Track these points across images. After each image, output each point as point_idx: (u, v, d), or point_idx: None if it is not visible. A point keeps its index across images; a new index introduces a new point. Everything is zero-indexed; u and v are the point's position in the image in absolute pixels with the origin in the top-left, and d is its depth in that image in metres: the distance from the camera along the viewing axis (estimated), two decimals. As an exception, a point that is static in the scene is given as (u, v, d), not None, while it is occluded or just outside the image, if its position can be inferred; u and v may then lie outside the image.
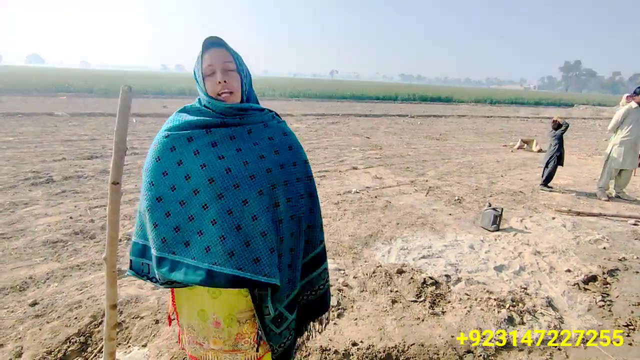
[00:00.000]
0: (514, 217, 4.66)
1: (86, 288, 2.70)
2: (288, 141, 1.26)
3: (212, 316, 1.23)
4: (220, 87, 1.15)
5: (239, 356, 1.28)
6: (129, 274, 1.25)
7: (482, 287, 2.92)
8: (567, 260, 3.50)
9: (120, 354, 2.07)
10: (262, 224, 1.10)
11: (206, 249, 1.08)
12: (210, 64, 1.14)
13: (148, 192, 1.16)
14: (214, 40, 1.16)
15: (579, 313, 2.72)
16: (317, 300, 1.42)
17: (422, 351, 2.22)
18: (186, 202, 1.11)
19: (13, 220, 3.82)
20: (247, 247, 1.08)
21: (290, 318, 1.28)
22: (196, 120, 1.17)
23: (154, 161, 1.17)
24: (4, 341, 2.12)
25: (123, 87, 1.55)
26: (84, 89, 22.64)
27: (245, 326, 1.25)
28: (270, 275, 1.08)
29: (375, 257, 3.41)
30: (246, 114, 1.20)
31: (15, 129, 9.18)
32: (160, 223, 1.13)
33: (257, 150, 1.18)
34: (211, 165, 1.11)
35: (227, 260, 1.06)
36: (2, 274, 2.83)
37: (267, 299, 1.15)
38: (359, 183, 5.97)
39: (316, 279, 1.38)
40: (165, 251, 1.11)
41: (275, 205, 1.16)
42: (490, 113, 23.85)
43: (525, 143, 10.51)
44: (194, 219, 1.10)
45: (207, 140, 1.14)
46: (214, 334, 1.25)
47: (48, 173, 5.53)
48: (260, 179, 1.13)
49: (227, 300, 1.21)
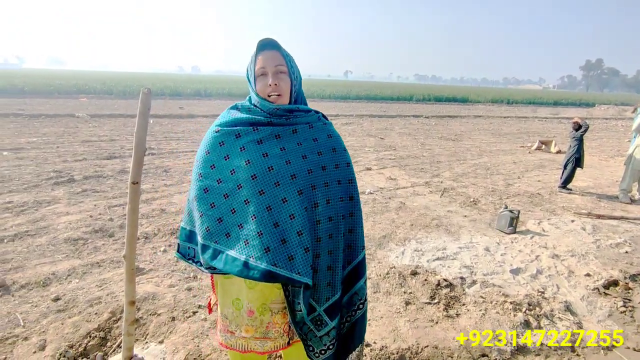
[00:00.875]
0: (531, 219, 4.57)
1: (105, 285, 2.77)
2: (332, 143, 1.27)
3: (247, 305, 1.27)
4: (270, 89, 1.18)
5: (269, 343, 1.33)
6: (175, 255, 1.34)
7: (497, 290, 2.88)
8: (587, 264, 3.41)
9: (138, 349, 2.12)
10: (298, 223, 1.13)
11: (245, 242, 1.12)
12: (263, 66, 1.18)
13: (197, 183, 1.22)
14: (269, 42, 1.19)
15: (599, 318, 2.65)
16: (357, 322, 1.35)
17: (436, 353, 2.20)
18: (230, 195, 1.16)
19: (37, 218, 3.95)
20: (283, 244, 1.11)
21: (330, 325, 1.26)
22: (245, 118, 1.22)
23: (204, 154, 1.23)
24: (29, 334, 2.20)
25: (143, 89, 1.60)
26: (104, 91, 23.23)
27: (277, 316, 1.29)
28: (302, 274, 1.11)
29: (389, 258, 3.39)
30: (292, 115, 1.22)
31: (39, 130, 9.49)
32: (205, 213, 1.19)
33: (301, 150, 1.20)
34: (255, 162, 1.15)
35: (262, 255, 1.10)
36: (27, 269, 2.93)
37: (299, 295, 1.18)
38: (372, 184, 5.95)
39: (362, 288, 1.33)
40: (208, 239, 1.17)
41: (314, 206, 1.18)
42: (507, 113, 23.43)
43: (544, 144, 10.28)
44: (236, 212, 1.15)
45: (254, 138, 1.19)
46: (246, 323, 1.29)
47: (69, 173, 5.70)
48: (301, 179, 1.16)
49: (263, 291, 1.25)
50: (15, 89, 20.91)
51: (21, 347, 2.10)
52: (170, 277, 2.92)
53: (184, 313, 2.47)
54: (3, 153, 6.78)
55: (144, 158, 1.67)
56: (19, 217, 3.94)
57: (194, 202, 1.23)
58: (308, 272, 1.12)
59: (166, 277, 2.91)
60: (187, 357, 2.07)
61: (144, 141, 1.64)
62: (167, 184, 5.43)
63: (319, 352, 1.28)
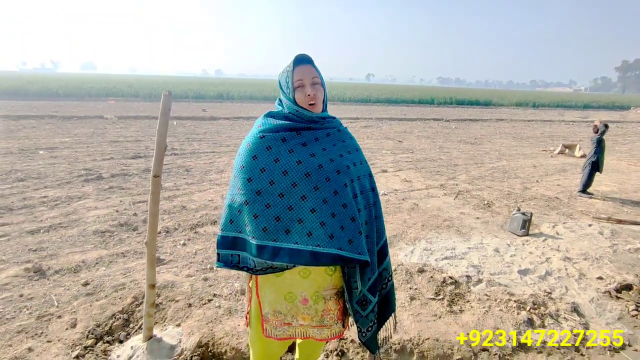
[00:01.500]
0: (546, 222, 4.53)
1: (129, 273, 2.99)
2: (354, 144, 1.48)
3: (301, 294, 1.39)
4: (309, 99, 1.33)
5: (325, 331, 1.45)
6: (217, 266, 1.37)
7: (503, 288, 2.91)
8: (600, 267, 3.39)
9: (157, 330, 2.30)
10: (350, 211, 1.29)
11: (308, 234, 1.26)
12: (301, 78, 1.32)
13: (246, 187, 1.29)
14: (304, 57, 1.35)
15: (608, 321, 2.65)
16: (389, 293, 1.55)
17: (436, 345, 2.28)
18: (285, 194, 1.27)
19: (69, 211, 4.26)
20: (342, 230, 1.27)
21: (373, 301, 1.43)
22: (287, 124, 1.34)
23: (251, 159, 1.30)
24: (62, 313, 2.42)
25: (164, 92, 1.78)
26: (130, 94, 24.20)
27: (330, 303, 1.42)
28: (362, 253, 1.29)
29: (398, 257, 3.48)
30: (325, 121, 1.40)
31: (71, 131, 10.05)
32: (261, 214, 1.27)
33: (337, 150, 1.37)
34: (306, 161, 1.29)
35: (328, 242, 1.25)
36: (60, 257, 3.19)
37: (356, 275, 1.34)
38: (387, 186, 6.03)
39: (388, 265, 1.53)
40: (266, 239, 1.26)
41: (355, 197, 1.34)
42: (532, 117, 22.84)
43: (567, 148, 10.04)
44: (293, 208, 1.27)
45: (299, 141, 1.32)
46: (302, 311, 1.41)
47: (98, 171, 6.05)
48: (344, 174, 1.32)
49: (315, 280, 1.38)
50: (50, 92, 22.11)
51: (55, 324, 2.32)
52: (188, 267, 3.11)
53: (200, 300, 2.64)
54: (39, 152, 7.26)
55: (164, 153, 1.85)
56: (53, 211, 4.25)
57: (244, 207, 1.29)
58: (365, 251, 1.30)
59: (184, 268, 3.10)
60: (201, 339, 2.23)
61: (165, 138, 1.82)
62: (188, 183, 5.69)
63: (365, 331, 1.45)
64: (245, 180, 1.30)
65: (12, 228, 3.71)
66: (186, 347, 2.19)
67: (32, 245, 3.37)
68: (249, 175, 1.30)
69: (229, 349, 2.19)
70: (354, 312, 1.40)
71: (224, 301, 2.64)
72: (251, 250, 1.30)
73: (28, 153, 7.11)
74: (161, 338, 2.22)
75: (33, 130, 9.82)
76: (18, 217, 4.01)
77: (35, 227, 3.76)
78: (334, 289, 1.41)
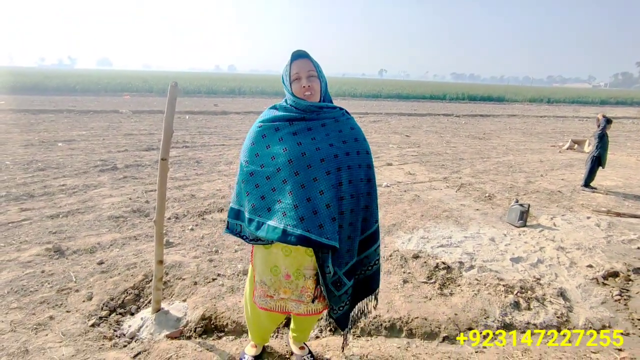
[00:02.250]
0: (545, 214, 4.61)
1: (140, 254, 3.21)
2: (354, 134, 1.54)
3: (284, 270, 1.54)
4: (304, 90, 1.48)
5: (302, 307, 1.62)
6: (225, 232, 1.63)
7: (493, 274, 3.04)
8: (592, 256, 3.47)
9: (165, 304, 2.50)
10: (327, 198, 1.39)
11: (283, 213, 1.39)
12: (297, 72, 1.46)
13: (244, 169, 1.50)
14: (301, 52, 1.50)
15: (592, 305, 2.76)
16: (372, 275, 1.68)
17: (424, 324, 2.43)
18: (271, 177, 1.44)
19: (85, 199, 4.51)
20: (315, 215, 1.37)
21: (348, 284, 1.54)
22: (282, 115, 1.50)
23: (250, 145, 1.51)
24: (79, 288, 2.65)
25: (171, 83, 1.97)
26: (145, 89, 24.68)
27: (308, 281, 1.57)
28: (331, 238, 1.37)
29: (395, 244, 3.62)
30: (322, 111, 1.52)
31: (88, 124, 10.41)
32: (252, 192, 1.47)
33: (328, 139, 1.47)
34: (291, 149, 1.42)
35: (298, 224, 1.36)
36: (78, 239, 3.43)
37: (328, 260, 1.44)
38: (391, 178, 6.15)
39: (372, 255, 1.64)
40: (254, 214, 1.46)
41: (339, 185, 1.43)
42: (545, 112, 22.52)
43: (577, 143, 9.96)
44: (276, 190, 1.42)
45: (290, 130, 1.46)
46: (284, 285, 1.57)
47: (113, 162, 6.33)
48: (329, 162, 1.42)
49: (297, 258, 1.53)
50: (68, 87, 22.73)
51: (73, 297, 2.55)
52: (195, 250, 3.32)
53: (205, 279, 2.84)
54: (58, 144, 7.59)
55: (171, 138, 2.04)
56: (71, 198, 4.52)
57: (242, 185, 1.51)
58: (335, 237, 1.39)
59: (192, 250, 3.31)
60: (205, 313, 2.42)
61: (171, 125, 2.01)
62: (198, 173, 5.92)
63: (337, 309, 1.60)
64: (244, 163, 1.52)
65: (33, 213, 3.98)
66: (191, 319, 2.39)
67: (52, 228, 3.63)
68: (247, 158, 1.51)
69: (230, 322, 2.38)
70: (328, 291, 1.53)
71: (227, 280, 2.84)
72: (245, 222, 1.50)
73: (47, 145, 7.45)
74: (168, 311, 2.42)
75: (52, 124, 10.21)
76: (39, 203, 4.29)
77: (54, 212, 4.02)
78: (314, 269, 1.55)
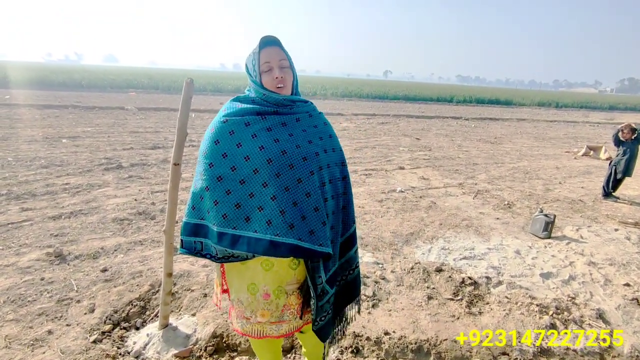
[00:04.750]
0: (569, 225, 4.38)
1: (146, 261, 3.02)
2: (328, 130, 1.42)
3: (263, 288, 1.32)
4: (277, 82, 1.27)
5: (284, 326, 1.40)
6: (180, 252, 1.33)
7: (524, 292, 2.82)
8: (627, 274, 3.25)
9: (173, 319, 2.31)
10: (314, 200, 1.23)
11: (267, 222, 1.18)
12: (268, 61, 1.26)
13: (207, 173, 1.24)
14: (271, 39, 1.28)
15: (635, 329, 2.54)
16: (353, 281, 1.53)
17: (454, 347, 2.22)
18: (246, 180, 1.21)
19: (89, 199, 4.34)
20: (304, 220, 1.20)
21: (330, 292, 1.38)
22: (251, 108, 1.28)
23: (213, 144, 1.25)
24: (81, 298, 2.46)
25: (186, 79, 1.77)
26: (151, 86, 24.59)
27: (291, 297, 1.36)
28: (324, 245, 1.22)
29: (415, 255, 3.41)
30: (295, 104, 1.33)
31: (93, 121, 10.26)
32: (221, 201, 1.22)
33: (306, 136, 1.31)
34: (268, 147, 1.22)
35: (288, 232, 1.18)
36: (80, 244, 3.25)
37: (320, 269, 1.28)
38: (404, 183, 5.94)
39: (353, 258, 1.50)
40: (226, 226, 1.21)
41: (322, 185, 1.29)
42: (555, 117, 22.20)
43: (592, 150, 9.70)
44: (254, 195, 1.20)
45: (263, 126, 1.26)
46: (262, 307, 1.34)
47: (118, 160, 6.16)
48: (311, 161, 1.26)
49: (278, 273, 1.32)
50: (74, 83, 22.66)
51: (74, 308, 2.36)
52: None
53: (215, 291, 2.64)
54: (62, 140, 7.44)
55: (185, 142, 1.84)
56: (75, 198, 4.34)
57: (205, 192, 1.25)
58: (328, 243, 1.23)
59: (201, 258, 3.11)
60: (216, 330, 2.23)
61: (185, 126, 1.81)
62: (205, 174, 5.73)
63: (318, 321, 1.37)
64: (207, 166, 1.25)
65: (35, 213, 3.80)
66: (201, 336, 2.19)
67: (54, 230, 3.45)
68: (211, 160, 1.25)
69: (244, 340, 2.18)
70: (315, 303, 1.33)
71: (239, 292, 2.64)
72: (213, 237, 1.25)
73: (52, 141, 7.29)
74: (177, 327, 2.23)
75: (57, 120, 10.07)
76: (41, 202, 4.11)
77: (57, 213, 3.85)
78: (297, 283, 1.35)
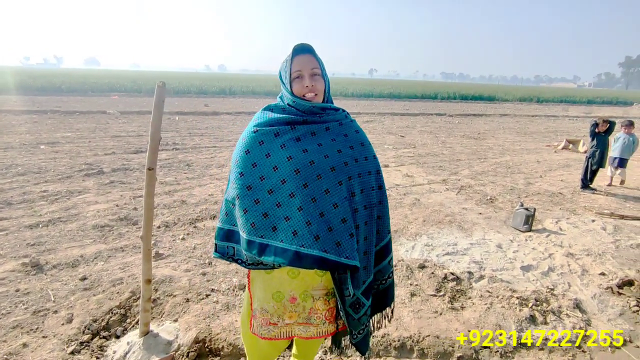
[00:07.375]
0: (549, 218, 4.48)
1: (127, 267, 2.97)
2: (360, 138, 1.38)
3: (289, 293, 1.33)
4: (307, 90, 1.27)
5: (312, 329, 1.40)
6: (214, 256, 1.36)
7: (505, 285, 2.87)
8: (603, 263, 3.34)
9: (154, 325, 2.28)
10: (342, 212, 1.21)
11: (293, 232, 1.18)
12: (299, 69, 1.26)
13: (238, 182, 1.26)
14: (304, 46, 1.28)
15: (610, 317, 2.61)
16: (386, 290, 1.50)
17: (437, 343, 2.25)
18: (274, 190, 1.21)
19: (69, 206, 4.24)
20: (330, 232, 1.18)
21: (367, 304, 1.36)
22: (282, 118, 1.28)
23: (244, 154, 1.27)
24: (58, 308, 2.41)
25: (158, 83, 1.74)
26: (134, 89, 24.15)
27: (318, 302, 1.36)
28: (351, 257, 1.19)
29: (399, 252, 3.44)
30: (325, 113, 1.32)
31: (73, 126, 10.04)
32: (250, 209, 1.23)
33: (335, 145, 1.29)
34: (296, 157, 1.22)
35: (313, 243, 1.16)
36: (58, 252, 3.18)
37: (348, 281, 1.27)
38: (388, 181, 5.98)
39: (386, 268, 1.46)
40: (254, 235, 1.21)
41: (352, 195, 1.27)
42: (536, 112, 22.66)
43: (571, 143, 9.95)
44: (281, 205, 1.20)
45: (292, 136, 1.26)
46: (289, 309, 1.35)
47: (99, 165, 6.04)
48: (339, 171, 1.25)
49: (304, 279, 1.32)
50: (53, 87, 22.11)
51: (51, 319, 2.30)
52: (186, 262, 3.09)
53: (198, 295, 2.62)
54: (40, 147, 7.25)
55: (159, 145, 1.81)
56: (53, 205, 4.24)
57: (236, 201, 1.27)
58: (355, 255, 1.20)
59: (183, 263, 3.08)
60: (198, 335, 2.21)
61: (159, 130, 1.78)
62: (189, 177, 5.66)
63: (357, 334, 1.38)
64: (238, 175, 1.27)
65: (10, 222, 3.70)
66: (183, 342, 2.17)
67: (31, 239, 3.36)
68: (241, 169, 1.26)
69: (226, 344, 2.17)
70: (347, 315, 1.33)
71: (222, 296, 2.62)
72: (243, 244, 1.26)
73: (29, 147, 7.11)
74: (158, 333, 2.20)
75: (35, 125, 9.81)
76: (17, 211, 4.00)
77: (34, 221, 3.75)
78: (324, 289, 1.35)
